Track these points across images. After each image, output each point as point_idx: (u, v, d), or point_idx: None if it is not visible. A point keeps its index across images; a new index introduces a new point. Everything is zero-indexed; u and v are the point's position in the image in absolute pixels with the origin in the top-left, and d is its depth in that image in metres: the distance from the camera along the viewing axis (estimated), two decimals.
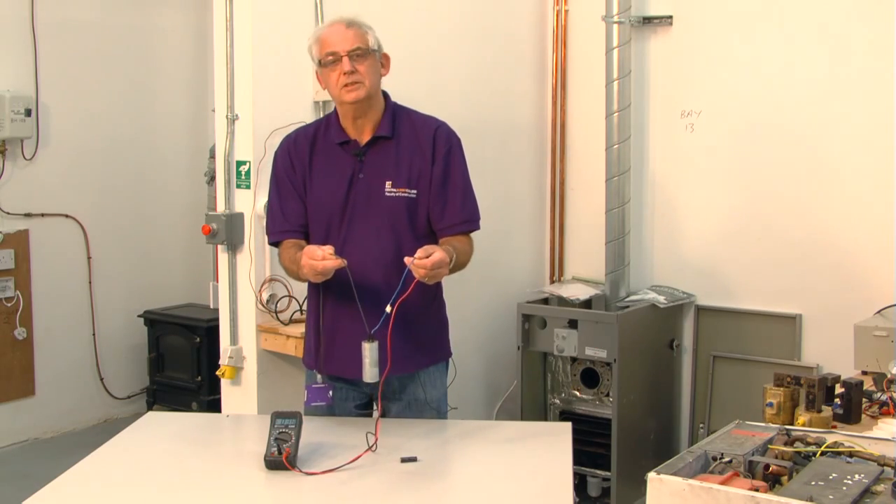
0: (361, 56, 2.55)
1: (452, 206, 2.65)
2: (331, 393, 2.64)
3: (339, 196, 2.61)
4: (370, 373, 2.42)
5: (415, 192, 2.61)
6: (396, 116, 2.66)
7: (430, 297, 2.72)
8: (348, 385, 2.72)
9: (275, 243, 2.74)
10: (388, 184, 2.60)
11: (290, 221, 2.67)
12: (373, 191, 2.60)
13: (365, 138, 2.63)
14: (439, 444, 2.54)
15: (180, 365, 5.22)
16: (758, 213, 4.29)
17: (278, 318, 3.49)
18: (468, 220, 2.68)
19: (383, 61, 2.66)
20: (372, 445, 2.34)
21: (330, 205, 2.62)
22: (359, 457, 2.30)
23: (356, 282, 2.49)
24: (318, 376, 2.70)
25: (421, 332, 2.68)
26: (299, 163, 2.66)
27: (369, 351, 2.42)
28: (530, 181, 4.84)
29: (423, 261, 2.35)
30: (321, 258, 2.39)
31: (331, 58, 2.55)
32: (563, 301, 4.49)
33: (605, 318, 4.16)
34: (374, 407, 2.76)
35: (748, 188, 4.31)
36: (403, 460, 2.33)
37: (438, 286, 2.74)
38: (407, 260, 2.37)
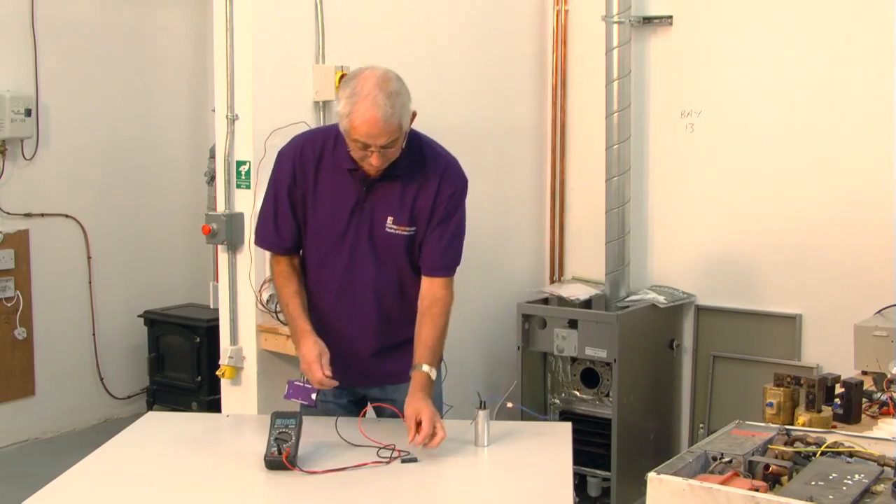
0: (395, 145, 2.43)
1: (436, 251, 2.60)
2: (315, 395, 2.61)
3: (341, 223, 2.58)
4: (481, 439, 2.45)
5: (414, 228, 2.58)
6: (409, 150, 2.53)
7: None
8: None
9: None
10: (389, 219, 2.56)
11: (282, 238, 2.65)
12: (375, 223, 2.57)
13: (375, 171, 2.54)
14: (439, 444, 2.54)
15: (180, 365, 5.22)
16: (758, 213, 4.29)
17: (278, 318, 3.48)
18: (446, 267, 2.63)
19: (412, 120, 2.50)
20: (388, 457, 2.34)
21: (331, 230, 2.59)
22: (365, 464, 2.30)
23: (356, 308, 2.59)
24: (304, 376, 2.71)
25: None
26: (303, 177, 2.59)
27: (482, 418, 2.45)
28: (530, 181, 4.83)
29: (430, 444, 2.38)
30: (318, 379, 2.47)
31: (359, 144, 2.41)
32: (563, 301, 4.49)
33: (605, 318, 4.16)
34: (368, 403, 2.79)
35: (748, 188, 4.31)
36: (404, 461, 2.33)
37: None
38: (411, 444, 2.38)
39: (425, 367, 2.53)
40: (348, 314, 2.63)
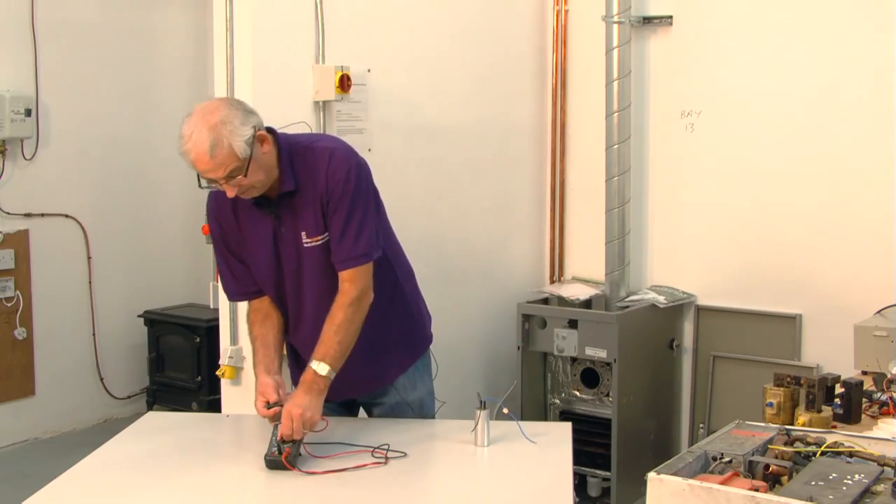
0: (238, 172, 2.36)
1: (333, 243, 2.51)
2: None
3: (269, 255, 2.57)
4: (481, 439, 2.45)
5: (327, 234, 2.52)
6: (293, 162, 2.49)
7: (388, 300, 2.67)
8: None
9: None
10: (303, 234, 2.53)
11: (244, 285, 2.66)
12: (297, 243, 2.54)
13: (272, 193, 2.52)
14: (438, 445, 2.55)
15: (180, 365, 5.22)
16: (758, 212, 4.29)
17: None
18: (342, 260, 2.50)
19: (261, 140, 2.41)
20: (381, 459, 2.34)
21: (267, 267, 2.58)
22: (365, 465, 2.31)
23: (312, 330, 2.53)
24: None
25: (390, 339, 2.69)
26: (228, 226, 2.61)
27: (482, 418, 2.43)
28: (530, 181, 4.83)
29: (291, 433, 2.32)
30: (263, 415, 2.46)
31: (208, 177, 2.41)
32: (563, 301, 4.49)
33: (605, 318, 4.16)
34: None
35: (748, 188, 4.31)
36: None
37: (396, 283, 2.69)
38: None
39: (312, 363, 2.44)
40: (309, 339, 2.56)
